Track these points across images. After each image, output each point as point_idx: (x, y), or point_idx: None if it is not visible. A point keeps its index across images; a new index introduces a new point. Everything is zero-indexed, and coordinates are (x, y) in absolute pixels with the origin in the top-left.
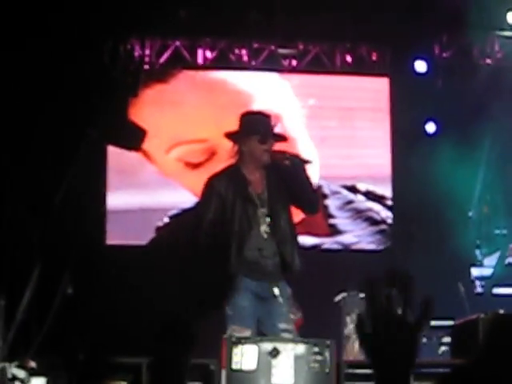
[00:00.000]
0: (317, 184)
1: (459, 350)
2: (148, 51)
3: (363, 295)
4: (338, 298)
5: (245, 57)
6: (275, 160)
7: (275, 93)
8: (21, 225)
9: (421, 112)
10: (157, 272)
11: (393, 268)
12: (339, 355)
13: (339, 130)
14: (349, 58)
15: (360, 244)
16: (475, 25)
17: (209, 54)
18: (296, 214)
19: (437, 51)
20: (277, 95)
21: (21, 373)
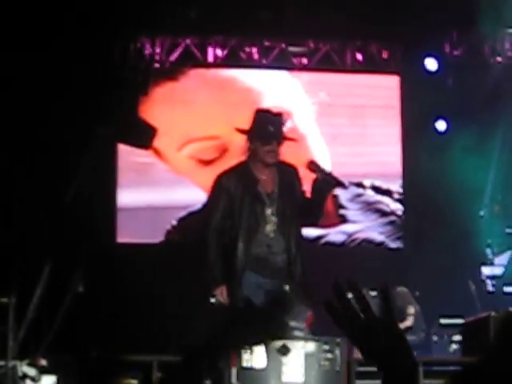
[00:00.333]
0: None
1: (470, 348)
2: (158, 50)
3: (374, 293)
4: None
5: (255, 55)
6: (309, 166)
7: (286, 91)
8: (32, 223)
9: (431, 110)
10: (167, 270)
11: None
12: (350, 353)
13: (350, 128)
14: (359, 56)
15: (365, 233)
16: (485, 23)
17: (219, 52)
18: None
19: (447, 49)
20: (287, 93)
21: (31, 371)
